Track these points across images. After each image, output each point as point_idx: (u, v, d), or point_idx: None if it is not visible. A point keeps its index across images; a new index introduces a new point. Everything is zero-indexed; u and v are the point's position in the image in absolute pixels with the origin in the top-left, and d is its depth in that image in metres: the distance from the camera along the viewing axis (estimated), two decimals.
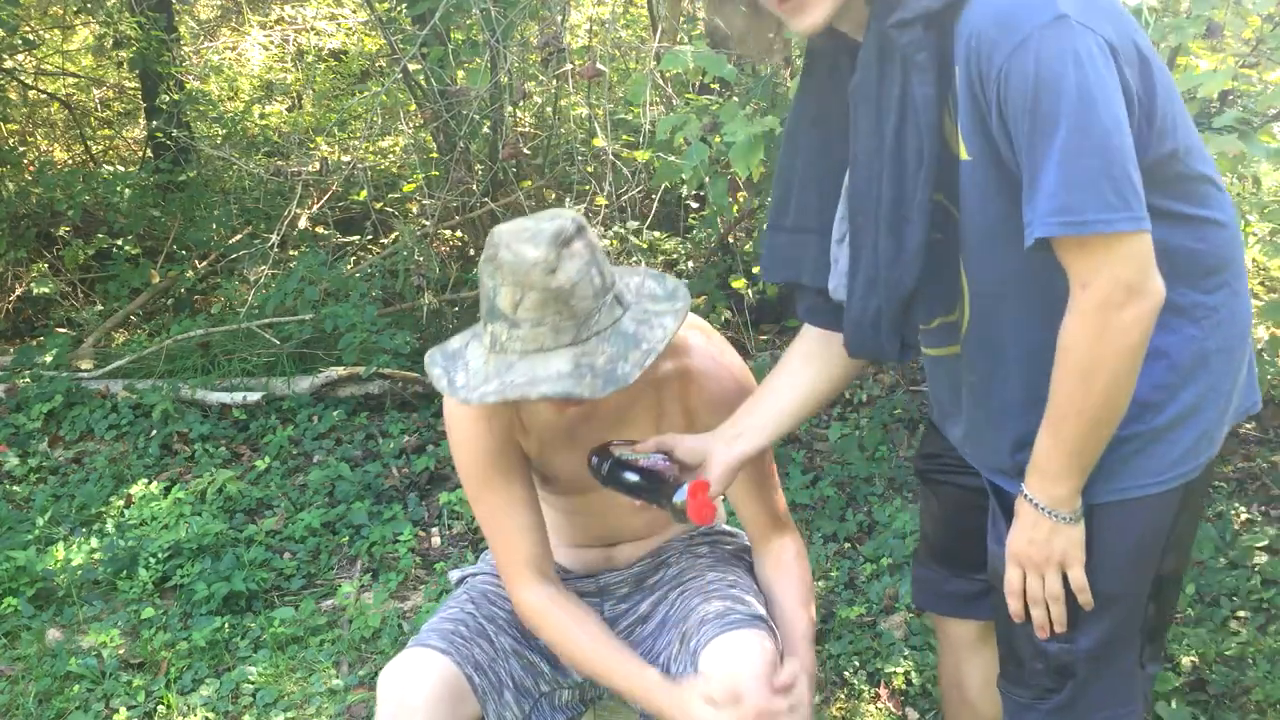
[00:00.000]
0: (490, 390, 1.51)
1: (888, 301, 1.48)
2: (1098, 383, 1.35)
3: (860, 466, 3.74)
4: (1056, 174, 1.28)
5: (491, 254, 1.52)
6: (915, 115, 1.39)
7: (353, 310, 4.53)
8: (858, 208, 1.49)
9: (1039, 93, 1.27)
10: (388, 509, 3.64)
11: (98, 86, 7.72)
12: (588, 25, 5.67)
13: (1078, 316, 1.33)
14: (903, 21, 1.36)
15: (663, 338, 1.56)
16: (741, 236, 5.07)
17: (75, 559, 3.36)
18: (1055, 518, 1.46)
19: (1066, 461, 1.42)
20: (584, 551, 1.99)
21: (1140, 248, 1.30)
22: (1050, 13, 1.27)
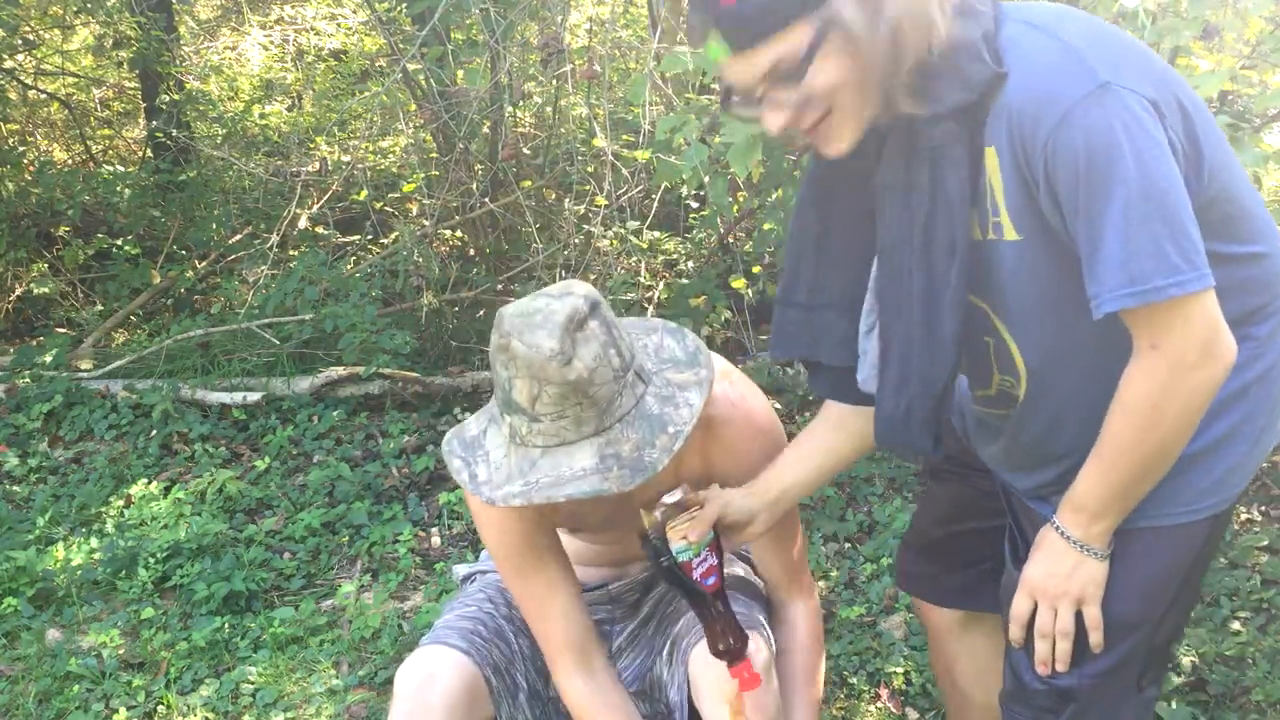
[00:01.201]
0: (515, 492, 1.47)
1: (920, 397, 1.46)
2: (1157, 434, 1.34)
3: (860, 466, 3.74)
4: (1119, 243, 1.25)
5: (503, 343, 1.45)
6: (948, 207, 1.36)
7: (353, 310, 4.53)
8: (887, 301, 1.46)
9: (1091, 164, 1.25)
10: (388, 509, 3.64)
11: (97, 86, 7.71)
12: (587, 25, 5.67)
13: (1146, 374, 1.32)
14: (936, 117, 1.32)
15: (689, 417, 1.51)
16: (741, 236, 5.06)
17: (75, 559, 3.36)
18: (1085, 551, 1.44)
19: (1109, 501, 1.41)
20: (598, 570, 1.99)
21: (1209, 306, 1.29)
22: (1092, 82, 1.25)
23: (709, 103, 4.28)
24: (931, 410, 1.47)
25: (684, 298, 4.70)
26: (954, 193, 1.35)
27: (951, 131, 1.33)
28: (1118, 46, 1.32)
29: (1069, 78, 1.26)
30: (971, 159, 1.34)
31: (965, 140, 1.33)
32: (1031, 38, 1.31)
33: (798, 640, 1.87)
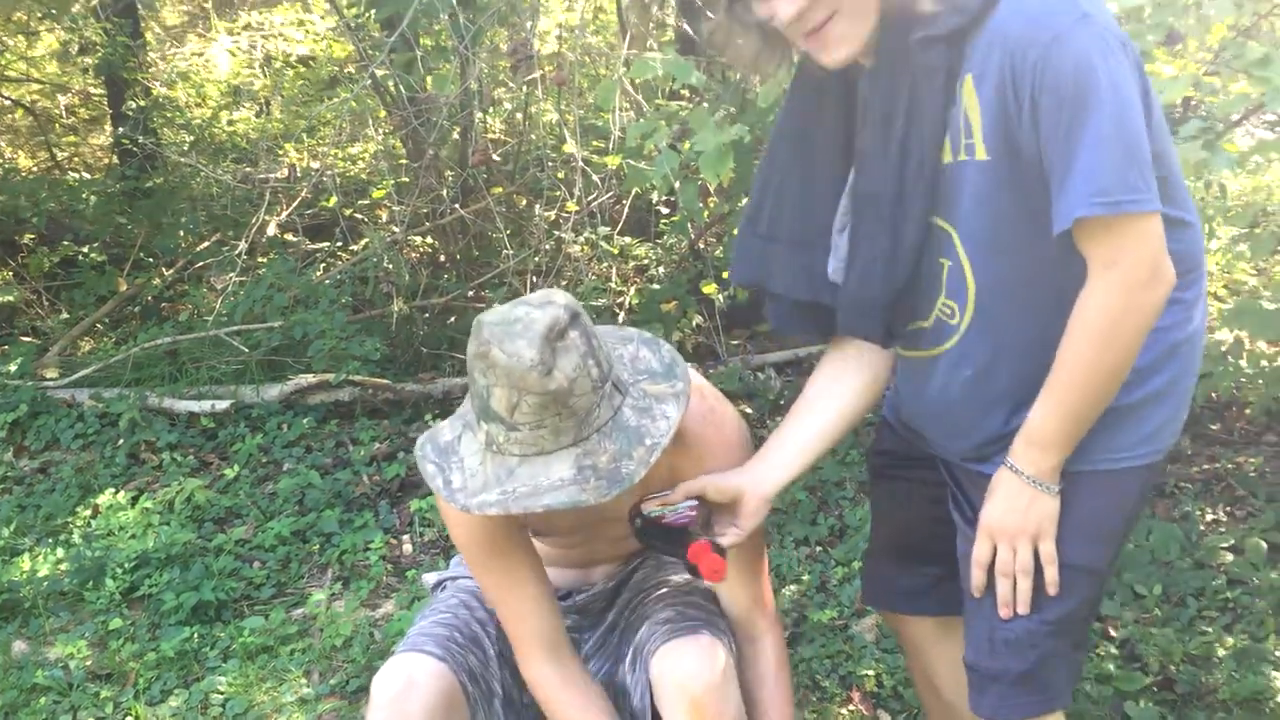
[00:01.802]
0: (491, 500, 1.47)
1: (882, 293, 1.57)
2: (1110, 356, 1.43)
3: (831, 470, 3.75)
4: (1092, 159, 1.36)
5: (482, 351, 1.44)
6: (921, 126, 1.48)
7: (322, 317, 4.51)
8: (862, 203, 1.57)
9: (1077, 83, 1.35)
10: (359, 517, 3.62)
11: (63, 93, 7.65)
12: (557, 31, 5.67)
13: (1102, 293, 1.41)
14: (930, 39, 1.44)
15: (666, 430, 1.52)
16: (712, 242, 5.08)
17: (41, 570, 3.33)
18: (1038, 486, 1.52)
19: (1062, 430, 1.49)
20: (564, 571, 1.99)
21: (1158, 227, 1.40)
22: (1078, 11, 1.37)
23: (679, 109, 4.29)
24: (889, 305, 1.58)
25: (655, 303, 4.71)
26: (930, 114, 1.47)
27: (941, 54, 1.44)
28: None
29: (1058, 7, 1.38)
30: (948, 85, 1.45)
31: (946, 65, 1.44)
32: None
33: (768, 669, 1.86)
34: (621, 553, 1.96)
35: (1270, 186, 5.87)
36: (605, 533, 1.86)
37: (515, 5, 4.11)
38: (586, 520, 1.77)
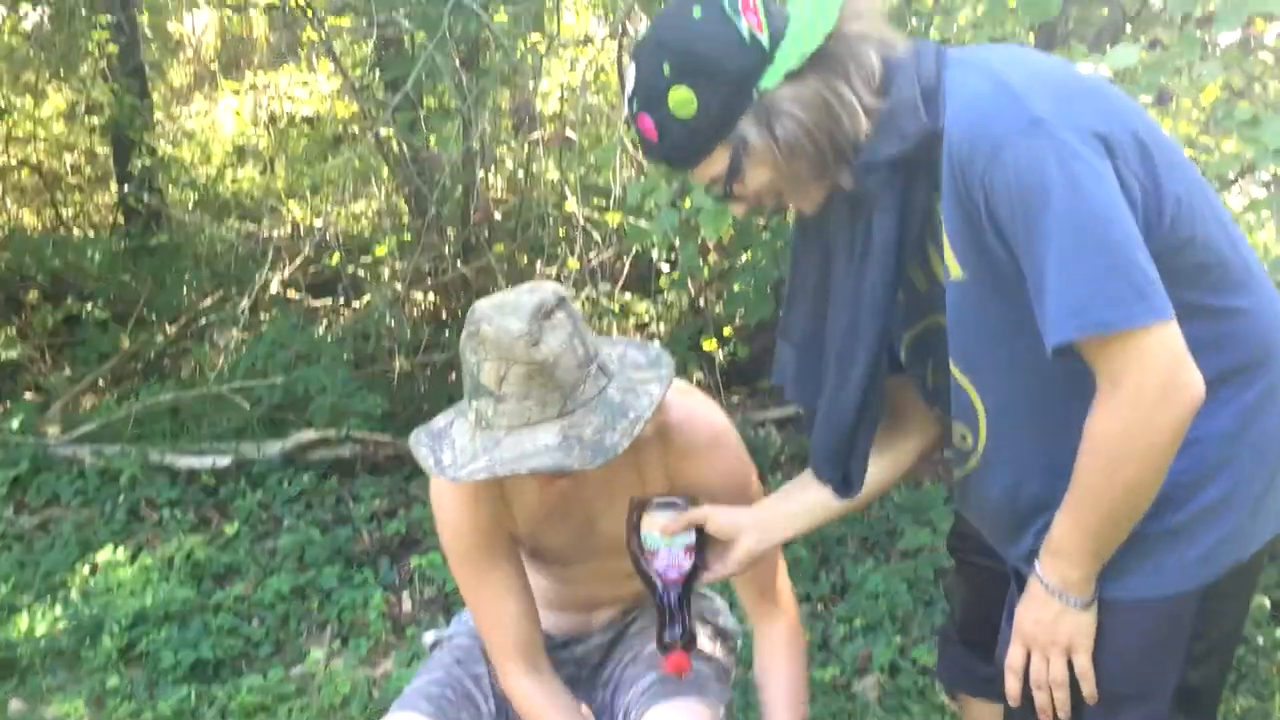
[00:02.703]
0: (479, 468, 1.49)
1: (827, 433, 1.52)
2: (1123, 476, 1.32)
3: (833, 527, 3.74)
4: (1059, 276, 1.25)
5: (473, 330, 1.50)
6: (874, 255, 1.41)
7: (324, 373, 4.52)
8: (830, 335, 1.51)
9: (1025, 199, 1.26)
10: (358, 573, 3.61)
11: (69, 152, 7.73)
12: (559, 92, 5.74)
13: (1107, 412, 1.30)
14: (868, 165, 1.37)
15: (649, 405, 1.54)
16: (712, 299, 5.10)
17: (39, 628, 3.31)
18: (1065, 600, 1.42)
19: (1083, 546, 1.38)
20: (564, 615, 1.98)
21: (1167, 340, 1.26)
22: (1023, 118, 1.27)
23: None
24: (839, 447, 1.51)
25: None
26: (880, 241, 1.40)
27: (883, 179, 1.37)
28: (1061, 85, 1.34)
29: (1002, 115, 1.29)
30: (911, 206, 1.38)
31: (898, 192, 1.37)
32: (970, 79, 1.34)
33: (778, 664, 1.82)
34: (623, 595, 1.95)
35: (1266, 244, 5.90)
36: (603, 567, 1.86)
37: (517, 66, 4.17)
38: (580, 539, 1.78)
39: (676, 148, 1.42)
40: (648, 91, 1.40)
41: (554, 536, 1.79)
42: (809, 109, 1.35)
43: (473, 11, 3.59)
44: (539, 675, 1.75)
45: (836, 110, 1.35)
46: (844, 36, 1.35)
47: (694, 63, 1.36)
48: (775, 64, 1.35)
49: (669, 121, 1.40)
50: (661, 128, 1.41)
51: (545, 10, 4.70)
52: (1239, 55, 3.03)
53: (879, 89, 1.36)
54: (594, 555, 1.83)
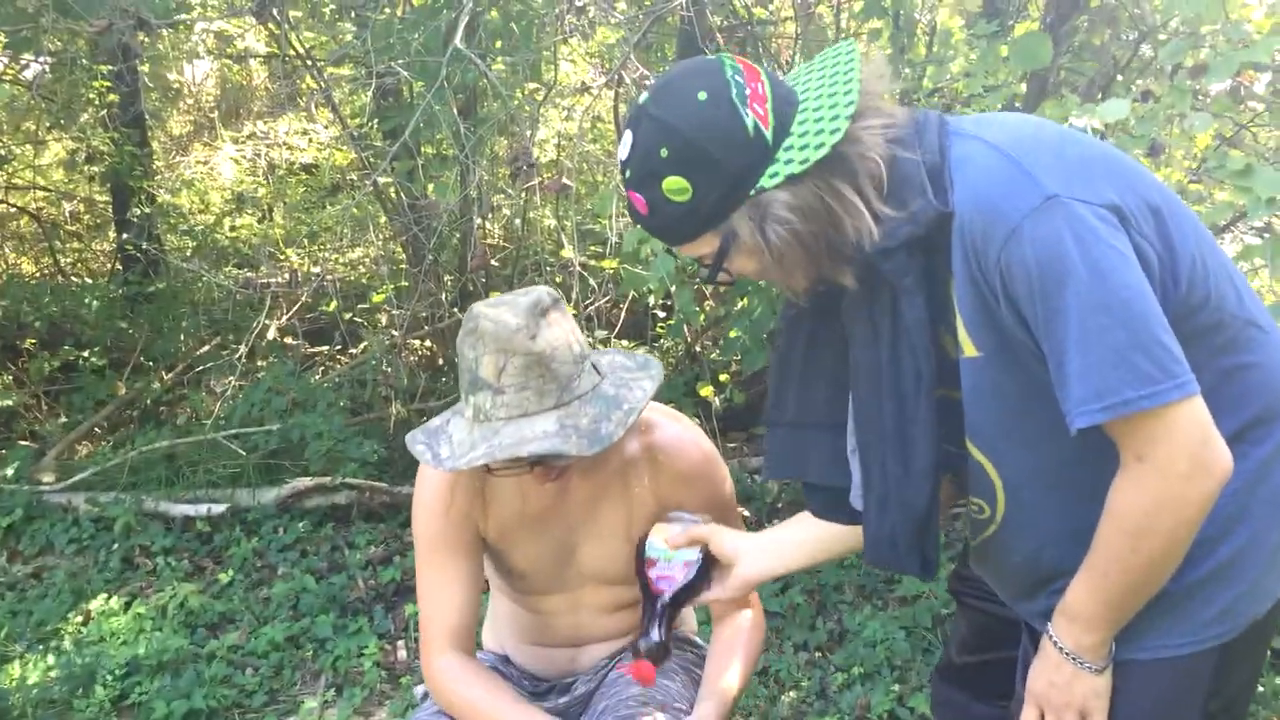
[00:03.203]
0: (478, 455, 1.52)
1: (902, 522, 1.46)
2: (1147, 547, 1.29)
3: (830, 574, 3.73)
4: (1081, 357, 1.23)
5: (471, 326, 1.56)
6: (909, 338, 1.37)
7: (320, 420, 4.51)
8: (863, 423, 1.47)
9: (1044, 278, 1.23)
10: (353, 622, 3.59)
11: (68, 200, 7.77)
12: (556, 140, 5.79)
13: (1134, 486, 1.27)
14: (886, 251, 1.33)
15: (642, 397, 1.60)
16: (708, 345, 5.12)
17: (31, 677, 3.28)
18: (1079, 664, 1.40)
19: (1100, 613, 1.37)
20: (553, 651, 1.98)
21: (1194, 414, 1.24)
22: (1038, 196, 1.25)
23: None
24: (915, 534, 1.47)
25: None
26: (913, 324, 1.36)
27: (904, 264, 1.33)
28: (1072, 155, 1.31)
29: (1015, 193, 1.26)
30: (930, 289, 1.35)
31: (919, 271, 1.34)
32: (980, 155, 1.31)
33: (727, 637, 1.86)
34: (608, 630, 1.94)
35: (1261, 292, 5.94)
36: (584, 599, 1.88)
37: (515, 115, 4.21)
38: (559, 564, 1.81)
39: (666, 228, 1.40)
40: (642, 170, 1.37)
41: (531, 555, 1.81)
42: (804, 216, 1.32)
43: (470, 61, 3.62)
44: (464, 658, 1.74)
45: (838, 214, 1.32)
46: (855, 139, 1.32)
47: (694, 155, 1.32)
48: (776, 163, 1.32)
49: (661, 203, 1.37)
50: (652, 207, 1.38)
51: (543, 60, 4.75)
52: (1229, 104, 3.06)
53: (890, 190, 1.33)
54: (574, 584, 1.85)
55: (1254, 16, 3.50)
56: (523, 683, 1.97)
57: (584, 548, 1.80)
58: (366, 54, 3.68)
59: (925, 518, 1.45)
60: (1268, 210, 2.37)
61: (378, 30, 4.01)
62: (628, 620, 1.93)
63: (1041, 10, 4.33)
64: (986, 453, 1.43)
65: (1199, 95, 3.09)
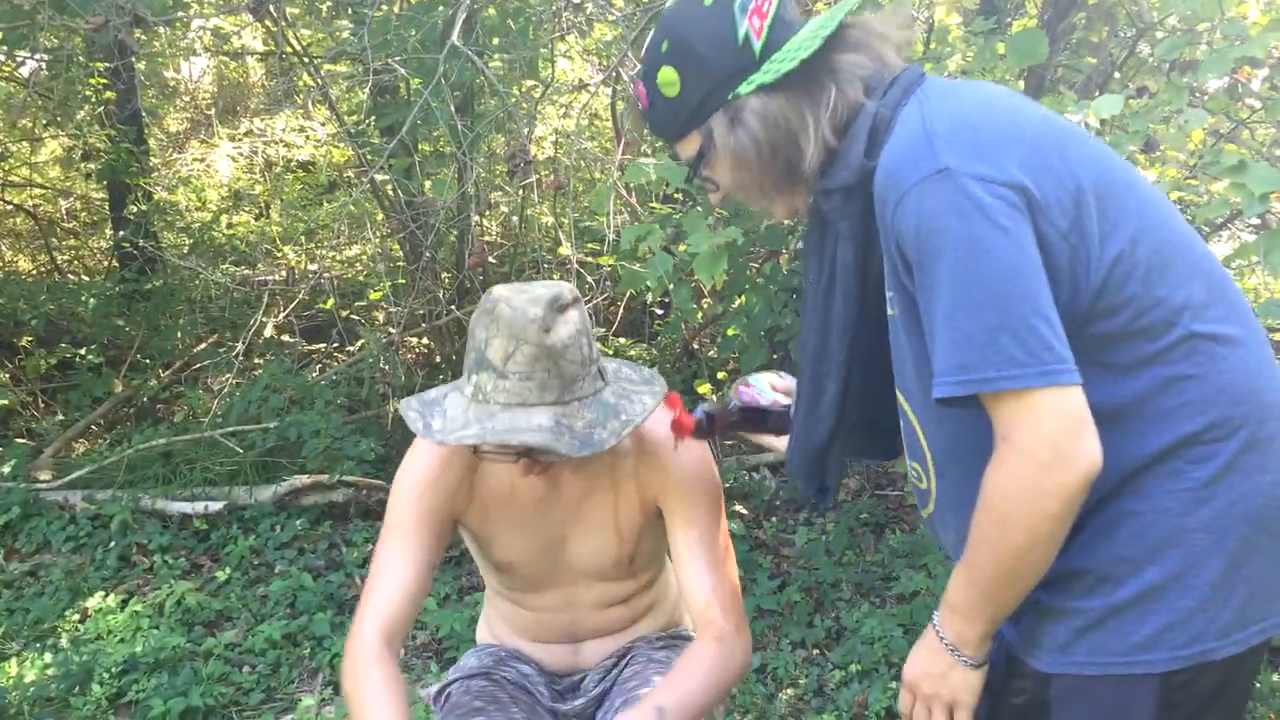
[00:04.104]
0: (470, 434, 1.52)
1: (803, 449, 1.54)
2: (1011, 540, 1.26)
3: (827, 572, 3.73)
4: (949, 330, 1.23)
5: (489, 308, 1.56)
6: (840, 280, 1.43)
7: (317, 417, 4.51)
8: (800, 350, 1.55)
9: (922, 248, 1.24)
10: (350, 619, 3.58)
11: (65, 197, 7.76)
12: (553, 137, 5.79)
13: (998, 467, 1.26)
14: (825, 190, 1.40)
15: (641, 412, 1.60)
16: (706, 343, 5.12)
17: (28, 675, 3.28)
18: (955, 655, 1.40)
19: (977, 604, 1.35)
20: (553, 647, 1.98)
21: (1064, 405, 1.21)
22: (930, 166, 1.24)
23: (672, 212, 4.36)
24: (811, 464, 1.54)
25: None
26: (842, 265, 1.42)
27: (839, 206, 1.39)
28: (997, 131, 1.28)
29: (912, 161, 1.27)
30: (863, 236, 1.40)
31: (856, 216, 1.39)
32: (910, 120, 1.32)
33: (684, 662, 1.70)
34: (606, 625, 1.94)
35: (1258, 289, 5.94)
36: (577, 595, 1.88)
37: (512, 112, 4.20)
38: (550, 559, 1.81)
39: (659, 121, 1.49)
40: (647, 62, 1.47)
41: (518, 546, 1.81)
42: (767, 126, 1.39)
43: (468, 58, 3.62)
44: (389, 649, 1.67)
45: (794, 133, 1.39)
46: (832, 67, 1.38)
47: (685, 50, 1.41)
48: (758, 74, 1.39)
49: (656, 95, 1.46)
50: (650, 99, 1.48)
51: (540, 57, 4.74)
52: (1225, 101, 3.06)
53: (843, 126, 1.39)
54: (565, 579, 1.85)
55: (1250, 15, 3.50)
56: (539, 685, 1.96)
57: (573, 541, 1.80)
58: (363, 51, 3.67)
59: (823, 450, 1.53)
60: (1261, 206, 2.37)
61: (375, 27, 4.00)
62: (623, 615, 1.93)
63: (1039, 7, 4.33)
64: (918, 417, 1.43)
65: (1196, 92, 3.09)
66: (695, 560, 1.75)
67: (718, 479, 1.84)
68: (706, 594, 1.74)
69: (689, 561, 1.76)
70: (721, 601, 1.74)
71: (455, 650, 3.30)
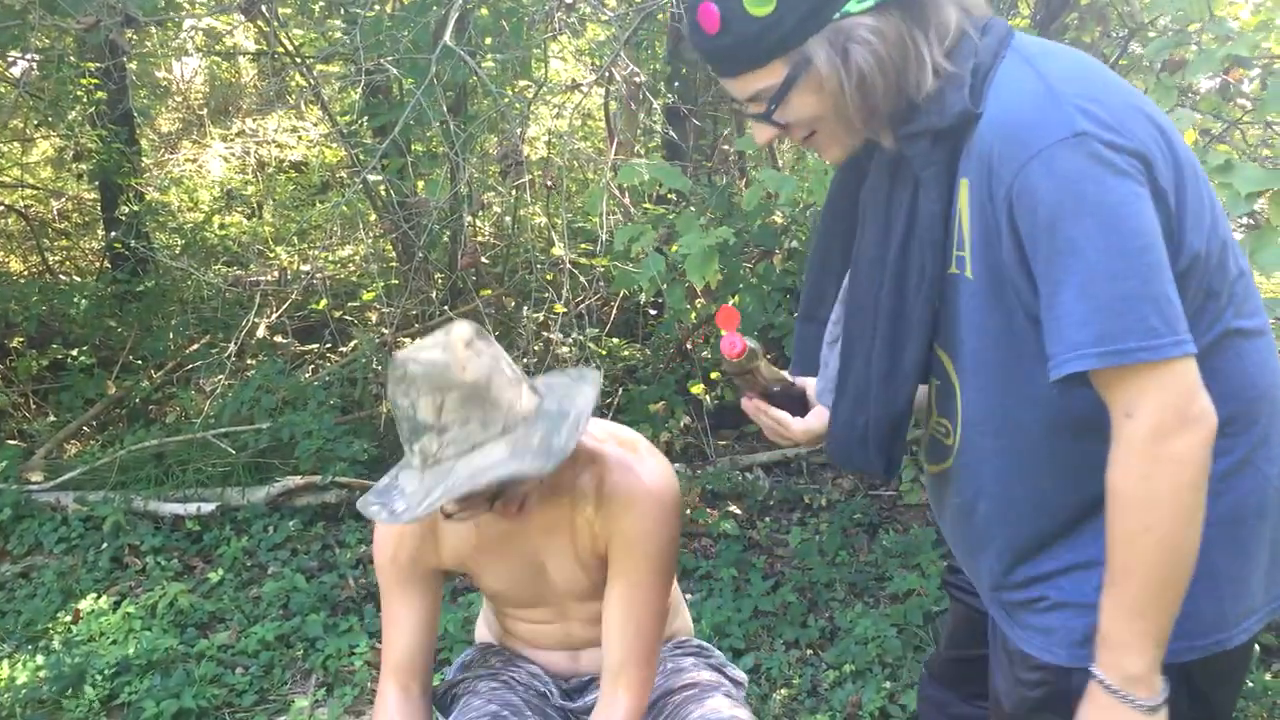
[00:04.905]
0: (435, 498, 1.48)
1: (877, 420, 1.42)
2: (1158, 526, 1.20)
3: (821, 572, 3.73)
4: (1085, 301, 1.18)
5: (399, 374, 1.50)
6: (921, 231, 1.33)
7: (310, 418, 4.50)
8: (854, 317, 1.43)
9: (1056, 213, 1.18)
10: (344, 621, 3.58)
11: (56, 198, 7.74)
12: (546, 138, 5.78)
13: (1125, 450, 1.21)
14: (910, 134, 1.31)
15: (585, 404, 1.56)
16: (700, 343, 5.12)
17: (20, 677, 3.27)
18: (1132, 704, 1.26)
19: (1135, 627, 1.24)
20: (550, 654, 1.99)
21: (1188, 372, 1.19)
22: (1065, 129, 1.19)
23: (665, 212, 4.36)
24: (888, 433, 1.43)
25: (643, 404, 4.73)
26: (927, 217, 1.33)
27: (926, 153, 1.31)
28: (1115, 101, 1.24)
29: (1045, 121, 1.21)
30: (947, 187, 1.31)
31: (942, 165, 1.31)
32: (1022, 76, 1.27)
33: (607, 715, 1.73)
34: (600, 637, 1.94)
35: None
36: (567, 610, 1.88)
37: (505, 112, 4.20)
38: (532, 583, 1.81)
39: (734, 47, 1.32)
40: None
41: (500, 576, 1.82)
42: (887, 44, 1.27)
43: (460, 58, 3.62)
44: (404, 693, 1.84)
45: (910, 56, 1.28)
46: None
47: None
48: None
49: (737, 16, 1.29)
50: (726, 21, 1.30)
51: (533, 57, 4.74)
52: (1216, 101, 3.07)
53: (948, 52, 1.30)
54: (554, 599, 1.85)
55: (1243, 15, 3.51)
56: (550, 684, 1.97)
57: (550, 565, 1.79)
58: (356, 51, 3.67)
59: (901, 417, 1.41)
60: (1247, 206, 2.37)
61: (367, 27, 4.00)
62: None
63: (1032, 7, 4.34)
64: (960, 380, 1.38)
65: (1187, 93, 3.09)
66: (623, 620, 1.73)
67: (671, 542, 1.76)
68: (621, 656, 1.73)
69: (614, 620, 1.74)
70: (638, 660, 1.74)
71: (449, 651, 3.29)
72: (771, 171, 3.57)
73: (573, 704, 1.95)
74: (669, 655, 1.98)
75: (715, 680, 1.92)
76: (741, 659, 3.24)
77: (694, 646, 2.03)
